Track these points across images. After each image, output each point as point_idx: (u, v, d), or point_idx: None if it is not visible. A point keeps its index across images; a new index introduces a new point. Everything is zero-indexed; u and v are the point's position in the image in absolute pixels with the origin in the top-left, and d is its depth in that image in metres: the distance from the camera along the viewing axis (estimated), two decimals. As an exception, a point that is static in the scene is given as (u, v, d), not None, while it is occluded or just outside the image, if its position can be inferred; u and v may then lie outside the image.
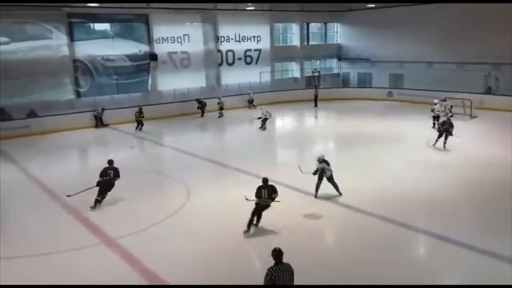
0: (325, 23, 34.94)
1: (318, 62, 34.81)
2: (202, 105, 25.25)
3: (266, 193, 9.71)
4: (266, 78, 31.39)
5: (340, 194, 11.80)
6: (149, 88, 26.73)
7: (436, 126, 14.24)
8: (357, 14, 32.63)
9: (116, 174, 11.64)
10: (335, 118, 25.84)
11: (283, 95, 29.40)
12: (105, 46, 24.87)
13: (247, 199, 9.69)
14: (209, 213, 11.12)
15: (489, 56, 25.20)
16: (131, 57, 25.77)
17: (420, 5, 27.74)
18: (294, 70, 33.59)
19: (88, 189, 11.48)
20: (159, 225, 10.36)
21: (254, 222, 9.79)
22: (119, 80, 25.53)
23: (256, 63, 31.11)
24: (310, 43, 34.13)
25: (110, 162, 12.00)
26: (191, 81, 27.78)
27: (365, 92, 30.55)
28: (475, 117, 22.46)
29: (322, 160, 11.66)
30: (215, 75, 29.34)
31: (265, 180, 9.93)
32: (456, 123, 20.63)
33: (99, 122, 23.17)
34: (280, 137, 22.11)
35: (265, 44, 31.31)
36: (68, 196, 11.62)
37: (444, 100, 23.26)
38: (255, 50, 30.97)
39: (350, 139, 19.09)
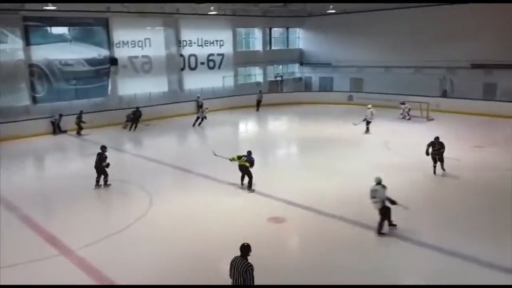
0: (287, 28, 35.33)
1: (280, 66, 35.14)
2: (135, 117, 23.08)
3: (244, 160, 12.72)
4: (230, 82, 31.39)
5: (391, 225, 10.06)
6: (109, 93, 26.15)
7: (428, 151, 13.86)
8: (317, 20, 33.18)
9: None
10: (297, 121, 26.10)
11: (246, 99, 29.47)
12: (63, 50, 24.13)
13: (215, 154, 13.34)
14: (171, 220, 10.98)
15: (444, 60, 26.18)
16: (90, 62, 25.12)
17: (378, 12, 28.47)
18: (257, 74, 33.75)
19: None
20: (119, 234, 10.13)
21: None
22: (77, 85, 24.83)
23: (219, 67, 31.04)
24: (273, 48, 34.40)
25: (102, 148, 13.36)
26: (152, 86, 27.39)
27: (326, 96, 31.07)
28: (432, 119, 23.24)
29: (378, 183, 10.01)
30: (178, 80, 29.05)
31: (249, 153, 12.94)
32: (414, 125, 21.30)
33: (56, 128, 22.47)
34: (243, 142, 22.13)
35: (228, 48, 31.30)
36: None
37: (403, 103, 24.01)
38: (218, 54, 30.90)
39: (312, 142, 19.33)
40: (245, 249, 6.21)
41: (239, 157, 12.88)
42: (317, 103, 29.86)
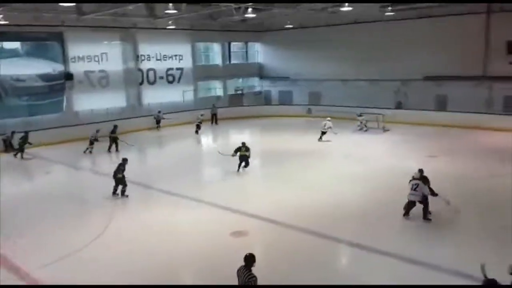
0: (246, 43, 35.66)
1: (240, 80, 35.34)
2: (113, 135, 21.29)
3: (244, 149, 15.92)
4: (190, 97, 31.23)
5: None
6: (64, 109, 25.39)
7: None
8: (276, 34, 33.68)
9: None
10: (258, 134, 26.25)
11: (207, 113, 29.35)
12: (15, 65, 23.31)
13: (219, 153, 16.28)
14: (132, 237, 10.70)
15: (399, 73, 27.13)
16: (44, 77, 24.35)
17: (335, 26, 29.22)
18: (217, 88, 33.77)
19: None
20: (77, 254, 9.76)
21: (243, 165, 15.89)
22: (31, 101, 24.00)
23: (179, 82, 30.86)
24: (232, 62, 34.58)
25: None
26: (110, 101, 26.84)
27: (286, 109, 31.46)
28: (387, 130, 23.95)
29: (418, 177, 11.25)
30: (136, 95, 28.64)
31: (244, 143, 16.08)
32: (371, 136, 21.85)
33: (8, 146, 21.54)
34: (204, 156, 22.06)
35: (187, 63, 31.20)
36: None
37: (360, 115, 24.64)
38: (177, 69, 30.74)
39: (273, 155, 19.47)
40: (248, 259, 6.33)
41: (239, 149, 16.14)
42: (278, 116, 30.18)
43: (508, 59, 23.74)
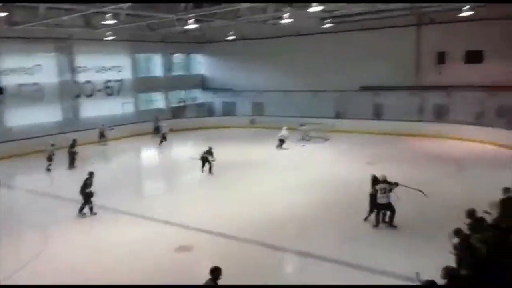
0: (188, 54, 35.44)
1: (183, 92, 35.00)
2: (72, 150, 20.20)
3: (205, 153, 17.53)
4: (130, 109, 30.48)
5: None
6: (-5, 125, 23.93)
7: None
8: (218, 46, 33.74)
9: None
10: (203, 146, 25.96)
11: (149, 126, 28.82)
12: None
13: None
14: (71, 257, 10.20)
15: (337, 84, 27.99)
16: (-29, 91, 22.86)
17: (276, 39, 29.73)
18: (159, 100, 33.22)
19: None
20: (9, 280, 9.15)
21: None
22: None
23: (118, 94, 30.04)
24: (174, 73, 34.21)
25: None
26: (45, 115, 25.61)
27: (230, 120, 31.51)
28: (328, 139, 24.60)
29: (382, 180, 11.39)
30: (72, 108, 27.51)
31: (210, 148, 17.52)
32: (312, 146, 22.33)
33: None
34: (145, 169, 21.57)
35: (126, 74, 30.48)
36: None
37: (302, 125, 25.15)
38: (116, 81, 29.93)
39: (218, 166, 19.33)
40: (213, 272, 6.49)
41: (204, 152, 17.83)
42: (221, 128, 30.15)
43: (438, 69, 25.27)
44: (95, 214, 13.14)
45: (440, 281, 6.44)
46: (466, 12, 20.56)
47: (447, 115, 25.13)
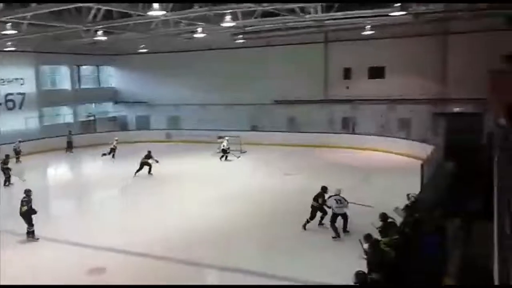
0: (98, 66, 34.04)
1: (93, 105, 33.45)
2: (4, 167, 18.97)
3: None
4: (34, 124, 28.47)
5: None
6: None
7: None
8: (130, 58, 32.84)
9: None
10: (115, 163, 25.00)
11: (56, 141, 27.10)
12: None
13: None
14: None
15: (252, 97, 28.50)
16: None
17: (189, 52, 29.62)
18: (66, 114, 31.43)
19: None
20: None
21: None
22: None
23: (20, 108, 27.96)
24: (83, 86, 32.62)
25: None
26: None
27: (144, 134, 30.61)
28: (245, 152, 24.91)
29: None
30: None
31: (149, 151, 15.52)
32: (229, 158, 22.44)
33: None
34: (52, 188, 20.19)
35: (30, 87, 28.49)
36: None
37: (220, 138, 25.19)
38: (18, 94, 27.85)
39: (133, 183, 18.72)
40: None
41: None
42: (135, 142, 29.12)
43: (345, 84, 26.80)
44: (37, 239, 11.94)
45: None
46: (368, 31, 22.19)
47: (354, 127, 26.69)
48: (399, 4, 15.98)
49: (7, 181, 18.64)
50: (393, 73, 25.35)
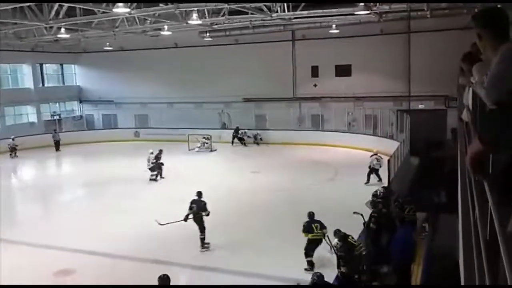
0: (61, 64, 33.15)
1: (57, 104, 32.56)
2: None
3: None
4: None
5: None
6: None
7: None
8: (95, 56, 32.08)
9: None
10: (81, 163, 24.47)
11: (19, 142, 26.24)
12: None
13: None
14: None
15: (221, 96, 28.39)
16: None
17: (155, 50, 29.24)
18: (29, 114, 30.49)
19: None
20: None
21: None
22: None
23: (-21, 108, 26.96)
24: (47, 85, 31.72)
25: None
26: None
27: (111, 133, 30.08)
28: (215, 150, 24.85)
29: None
30: None
31: (199, 194, 11.60)
32: (199, 157, 22.35)
33: None
34: (19, 190, 19.59)
35: (-11, 86, 27.51)
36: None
37: (205, 137, 25.00)
38: (-24, 93, 26.85)
39: (98, 183, 18.34)
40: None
41: (191, 208, 11.32)
42: (102, 142, 28.59)
43: (312, 82, 27.08)
44: None
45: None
46: (334, 30, 22.55)
47: (323, 124, 27.00)
48: (362, 4, 16.33)
49: None
50: (359, 71, 25.77)
